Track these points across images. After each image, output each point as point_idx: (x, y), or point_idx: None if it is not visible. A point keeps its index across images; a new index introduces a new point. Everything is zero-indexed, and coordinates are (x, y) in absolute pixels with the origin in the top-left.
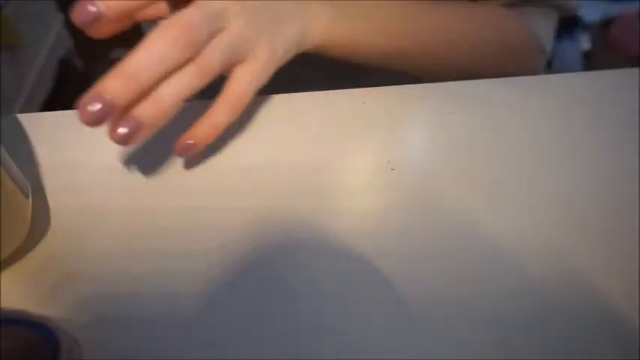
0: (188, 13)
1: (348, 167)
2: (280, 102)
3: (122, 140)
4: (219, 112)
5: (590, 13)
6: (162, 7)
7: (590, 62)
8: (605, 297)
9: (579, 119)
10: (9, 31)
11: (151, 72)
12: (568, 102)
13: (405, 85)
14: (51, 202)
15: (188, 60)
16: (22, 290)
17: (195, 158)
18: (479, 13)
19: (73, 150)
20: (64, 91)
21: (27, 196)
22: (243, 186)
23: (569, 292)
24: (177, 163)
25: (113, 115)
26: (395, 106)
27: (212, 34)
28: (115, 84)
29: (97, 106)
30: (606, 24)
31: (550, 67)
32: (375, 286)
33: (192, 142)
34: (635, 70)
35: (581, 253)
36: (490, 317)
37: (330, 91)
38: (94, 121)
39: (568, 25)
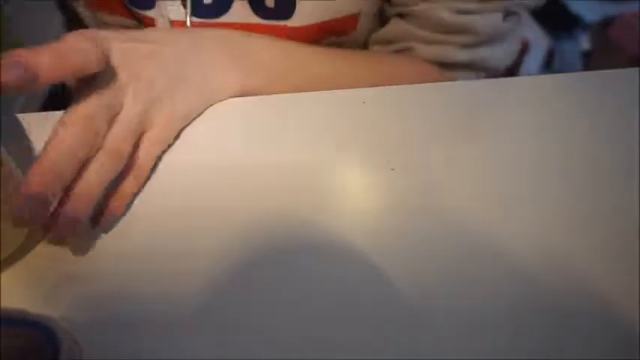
0: (84, 109)
1: (348, 167)
2: (280, 102)
3: (63, 238)
4: (126, 184)
5: (590, 13)
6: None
7: (590, 62)
8: (605, 297)
9: (579, 119)
10: (9, 31)
11: (69, 166)
12: (568, 102)
13: (405, 85)
14: None
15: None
16: (22, 290)
17: (195, 158)
18: (397, 68)
19: None
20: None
21: None
22: (243, 186)
23: (569, 292)
24: (177, 163)
25: (46, 212)
26: (395, 106)
27: (112, 118)
28: (39, 182)
29: (33, 207)
30: (606, 24)
31: (550, 67)
32: (375, 286)
33: (108, 215)
34: (635, 70)
35: (581, 253)
36: (490, 317)
37: (330, 91)
38: (32, 220)
39: (568, 25)
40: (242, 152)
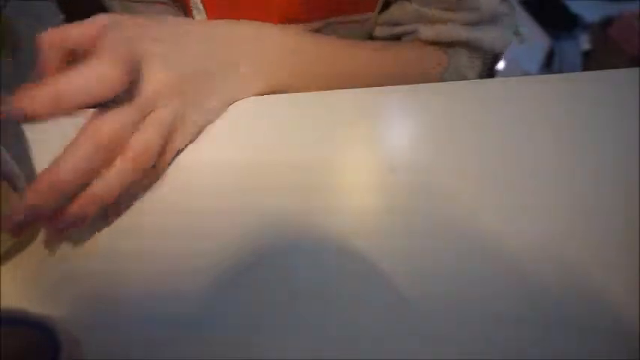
0: (108, 124)
1: (348, 167)
2: (280, 102)
3: (61, 234)
4: (140, 185)
5: (590, 13)
6: None
7: (590, 62)
8: (605, 297)
9: (579, 119)
10: (9, 31)
11: (76, 180)
12: (568, 102)
13: (406, 86)
14: None
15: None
16: (22, 290)
17: (195, 158)
18: (405, 58)
19: None
20: None
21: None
22: (244, 186)
23: (570, 292)
24: (176, 163)
25: (38, 221)
26: (395, 106)
27: (139, 124)
28: (39, 196)
29: (23, 218)
30: (606, 24)
31: (550, 67)
32: (375, 286)
33: (115, 215)
34: (635, 70)
35: (581, 253)
36: (490, 317)
37: (330, 91)
38: (18, 230)
39: (568, 25)
40: (242, 152)
